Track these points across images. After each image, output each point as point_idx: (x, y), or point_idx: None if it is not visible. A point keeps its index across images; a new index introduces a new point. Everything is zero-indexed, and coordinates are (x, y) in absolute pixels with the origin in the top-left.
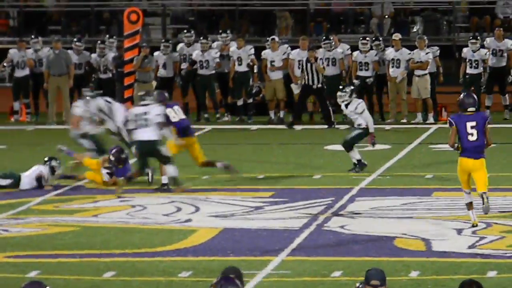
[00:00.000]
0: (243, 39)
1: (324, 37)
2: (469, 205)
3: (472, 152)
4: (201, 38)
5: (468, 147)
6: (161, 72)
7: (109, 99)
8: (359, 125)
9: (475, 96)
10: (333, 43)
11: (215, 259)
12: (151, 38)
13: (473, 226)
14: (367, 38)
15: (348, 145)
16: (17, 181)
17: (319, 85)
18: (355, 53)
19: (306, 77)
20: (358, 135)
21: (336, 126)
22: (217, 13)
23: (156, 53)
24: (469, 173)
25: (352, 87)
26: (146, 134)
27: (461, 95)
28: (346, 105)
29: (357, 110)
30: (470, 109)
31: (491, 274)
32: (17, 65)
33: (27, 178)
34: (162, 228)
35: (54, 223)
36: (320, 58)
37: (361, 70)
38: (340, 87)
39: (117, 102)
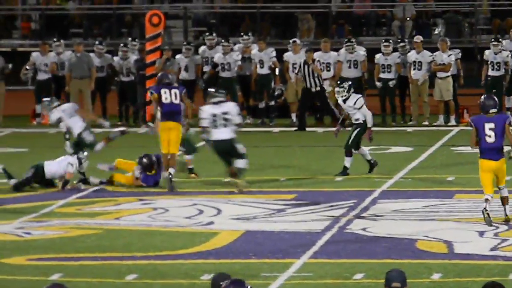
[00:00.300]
0: (265, 41)
1: (346, 39)
2: (486, 211)
3: (491, 153)
4: (223, 40)
5: (486, 148)
6: (183, 75)
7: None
8: (356, 120)
9: (496, 98)
10: (355, 45)
11: (237, 262)
12: (173, 40)
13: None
14: (390, 40)
15: (352, 147)
16: (40, 170)
17: (318, 88)
18: (378, 56)
19: (305, 81)
20: (357, 133)
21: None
22: (238, 15)
23: (178, 56)
24: (492, 174)
25: (349, 83)
26: (223, 134)
27: (482, 98)
28: (344, 100)
29: (356, 105)
30: (491, 111)
31: None
32: (40, 68)
33: (54, 166)
34: (184, 230)
35: (76, 226)
36: (318, 60)
37: (383, 72)
38: (338, 82)
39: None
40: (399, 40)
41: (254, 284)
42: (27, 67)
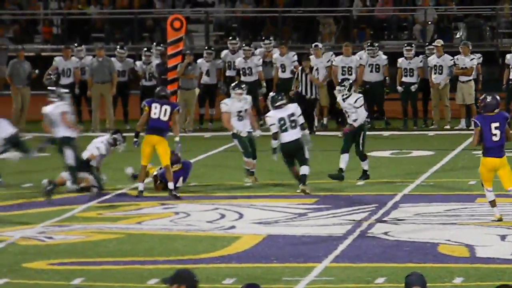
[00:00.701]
0: (286, 46)
1: (368, 43)
2: (493, 203)
3: (496, 151)
4: (244, 45)
5: (492, 146)
6: (205, 79)
7: None
8: (354, 120)
9: (498, 98)
10: (377, 49)
11: (258, 266)
12: (194, 45)
13: (498, 220)
14: (412, 44)
15: (364, 150)
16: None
17: (312, 97)
18: (400, 60)
19: (300, 87)
20: (364, 136)
21: (382, 133)
22: (259, 20)
23: (199, 60)
24: (494, 172)
25: (350, 81)
26: (292, 135)
27: (487, 98)
28: (344, 99)
29: (356, 104)
30: (496, 110)
31: None
32: (62, 73)
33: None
34: (206, 235)
35: (98, 230)
36: (316, 69)
37: (405, 76)
38: (339, 81)
39: None
40: (428, 43)
41: None
42: (50, 71)
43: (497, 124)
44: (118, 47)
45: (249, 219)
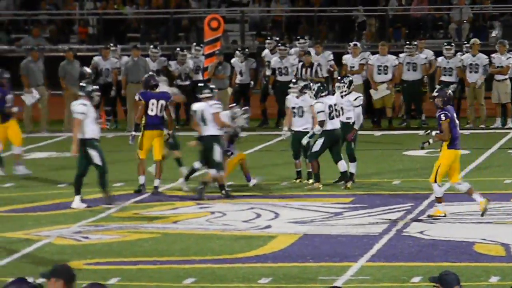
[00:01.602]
0: (321, 45)
1: (407, 42)
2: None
3: (459, 142)
4: (279, 44)
5: (457, 137)
6: (239, 78)
7: None
8: (348, 118)
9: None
10: (416, 48)
11: (294, 265)
12: (230, 45)
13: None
14: (452, 43)
15: (353, 155)
16: None
17: None
18: (439, 59)
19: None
20: (354, 139)
21: (418, 132)
22: (295, 19)
23: (233, 60)
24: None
25: (350, 78)
26: (337, 123)
27: (446, 91)
28: (343, 96)
29: (354, 103)
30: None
31: None
32: (101, 72)
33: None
34: (242, 234)
35: (134, 230)
36: (318, 64)
37: (444, 75)
38: (339, 77)
39: None
40: (464, 42)
41: (311, 287)
42: (89, 71)
43: (454, 115)
44: (151, 46)
45: (285, 218)
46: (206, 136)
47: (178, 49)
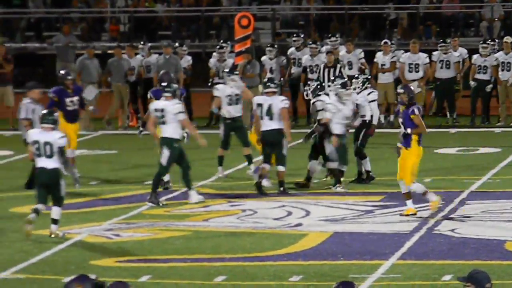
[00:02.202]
0: (353, 43)
1: (441, 40)
2: (409, 195)
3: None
4: (310, 42)
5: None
6: (269, 76)
7: None
8: (362, 116)
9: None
10: (450, 46)
11: (325, 263)
12: (261, 42)
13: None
14: (488, 42)
15: (362, 152)
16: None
17: None
18: (475, 56)
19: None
20: (364, 136)
21: (449, 130)
22: (326, 17)
23: (263, 58)
24: None
25: (366, 76)
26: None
27: (410, 88)
28: (358, 93)
29: (369, 97)
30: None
31: None
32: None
33: None
34: (273, 232)
35: (165, 227)
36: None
37: (479, 73)
38: (355, 75)
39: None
40: (496, 40)
41: None
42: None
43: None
44: (176, 44)
45: (316, 216)
46: (272, 130)
47: (218, 46)
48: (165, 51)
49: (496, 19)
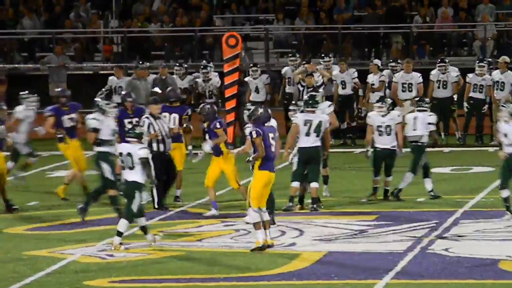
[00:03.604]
0: (346, 62)
1: (439, 60)
2: (259, 225)
3: (272, 164)
4: (304, 62)
5: (271, 158)
6: (253, 96)
7: None
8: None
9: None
10: (448, 66)
11: (319, 283)
12: (254, 62)
13: (265, 246)
14: (485, 61)
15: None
16: None
17: None
18: (470, 75)
19: None
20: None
21: (443, 149)
22: (319, 37)
23: (247, 78)
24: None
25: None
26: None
27: (259, 110)
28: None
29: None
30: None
31: None
32: (115, 91)
33: None
34: (266, 252)
35: (158, 247)
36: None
37: (474, 91)
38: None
39: None
40: (490, 60)
41: None
42: (103, 89)
43: (272, 135)
44: (177, 64)
45: (309, 236)
46: (311, 147)
47: (202, 66)
48: (162, 72)
49: (489, 38)
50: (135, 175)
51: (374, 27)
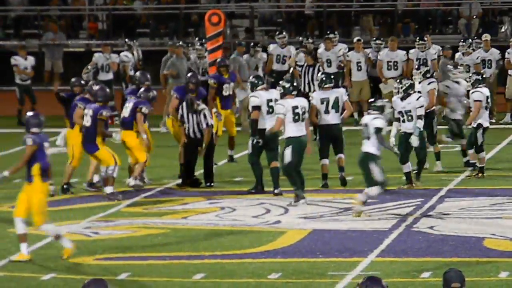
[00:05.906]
0: (331, 40)
1: (418, 38)
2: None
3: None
4: (301, 38)
5: (47, 168)
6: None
7: None
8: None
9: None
10: (427, 44)
11: (304, 261)
12: (240, 39)
13: None
14: (469, 39)
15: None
16: None
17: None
18: (457, 55)
19: (302, 84)
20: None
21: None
22: (304, 15)
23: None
24: None
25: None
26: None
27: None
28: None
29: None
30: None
31: None
32: (102, 68)
33: None
34: (251, 229)
35: (143, 225)
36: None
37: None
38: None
39: None
40: (474, 37)
41: (321, 283)
42: (89, 66)
43: (45, 144)
44: (198, 42)
45: (295, 213)
46: (332, 124)
47: (199, 43)
48: (176, 52)
49: (475, 17)
50: (369, 146)
51: (357, 5)
